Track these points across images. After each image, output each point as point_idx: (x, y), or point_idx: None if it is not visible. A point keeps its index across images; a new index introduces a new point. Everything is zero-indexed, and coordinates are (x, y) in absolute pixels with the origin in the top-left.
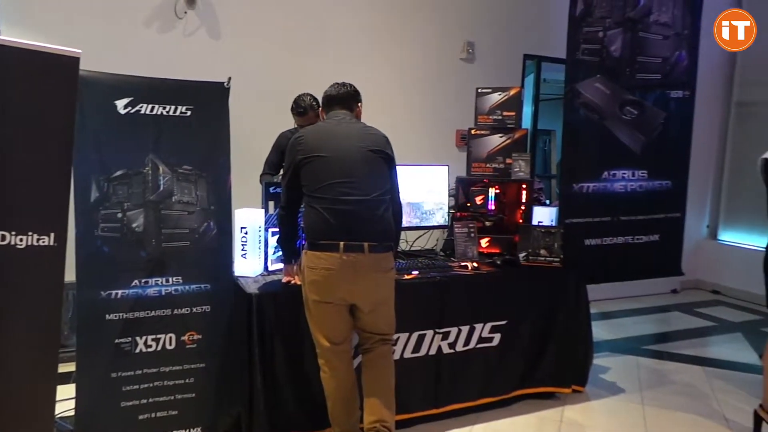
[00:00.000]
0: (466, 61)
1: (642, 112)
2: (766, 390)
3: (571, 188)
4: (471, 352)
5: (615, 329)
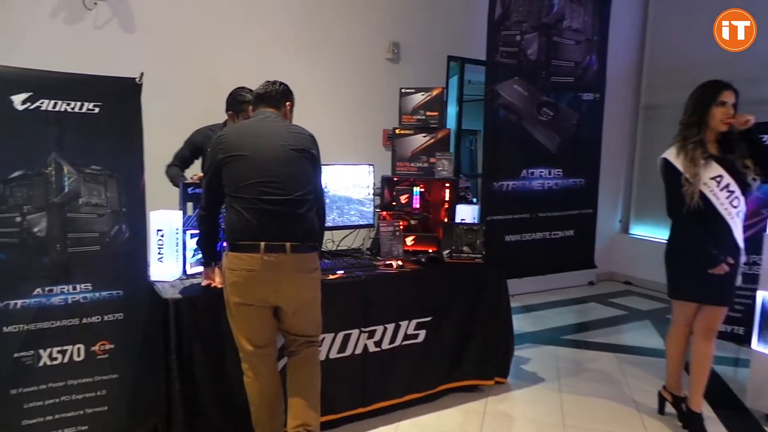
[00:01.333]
0: (391, 61)
1: (557, 113)
2: (669, 372)
3: (492, 186)
4: (397, 349)
5: (536, 321)
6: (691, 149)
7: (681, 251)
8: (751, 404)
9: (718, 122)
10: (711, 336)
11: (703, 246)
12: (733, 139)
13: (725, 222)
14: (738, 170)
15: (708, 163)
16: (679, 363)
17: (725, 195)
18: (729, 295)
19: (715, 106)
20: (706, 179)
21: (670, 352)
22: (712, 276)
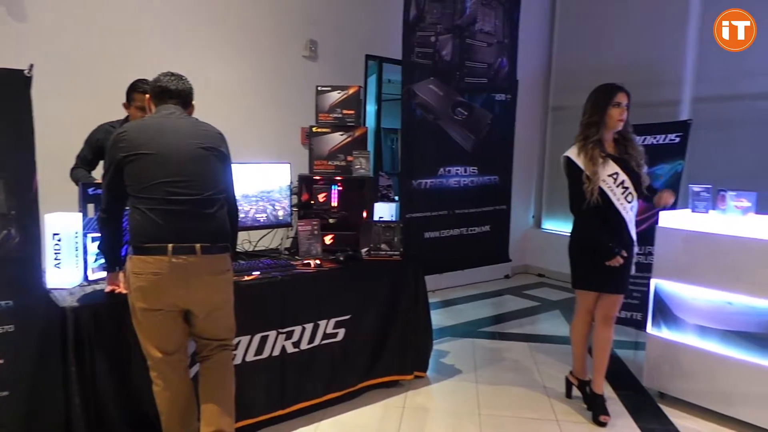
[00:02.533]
0: (309, 59)
1: (471, 113)
2: (574, 358)
3: (410, 184)
4: (316, 349)
5: (455, 315)
6: (590, 148)
7: (581, 244)
8: (647, 383)
9: (615, 122)
10: (610, 322)
11: (601, 240)
12: (627, 139)
13: (621, 216)
14: (632, 168)
15: (606, 162)
16: (582, 349)
17: (621, 191)
18: (624, 284)
19: (611, 107)
20: (604, 176)
21: (574, 338)
22: (609, 267)
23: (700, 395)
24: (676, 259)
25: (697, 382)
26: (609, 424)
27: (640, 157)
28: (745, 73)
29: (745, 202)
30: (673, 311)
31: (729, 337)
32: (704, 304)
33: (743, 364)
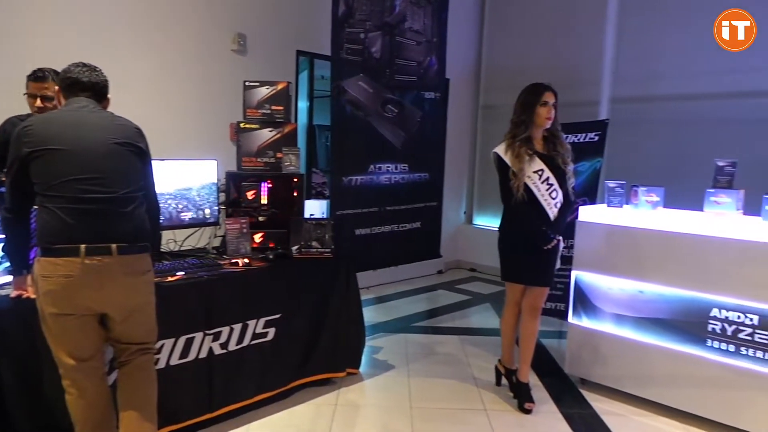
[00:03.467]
0: (237, 53)
1: (402, 110)
2: (503, 348)
3: (341, 181)
4: (245, 349)
5: (388, 311)
6: (518, 146)
7: (510, 237)
8: (569, 370)
9: (543, 120)
10: (536, 314)
11: (535, 227)
12: (556, 137)
13: (545, 211)
14: (558, 165)
15: (532, 158)
16: (510, 339)
17: (545, 187)
18: (549, 277)
19: (539, 105)
20: (529, 173)
21: (503, 329)
22: (535, 260)
23: (617, 379)
24: (593, 251)
25: (614, 368)
26: (534, 410)
27: (567, 154)
28: (657, 76)
29: (654, 196)
30: (591, 301)
31: (642, 324)
32: (619, 293)
33: (654, 348)
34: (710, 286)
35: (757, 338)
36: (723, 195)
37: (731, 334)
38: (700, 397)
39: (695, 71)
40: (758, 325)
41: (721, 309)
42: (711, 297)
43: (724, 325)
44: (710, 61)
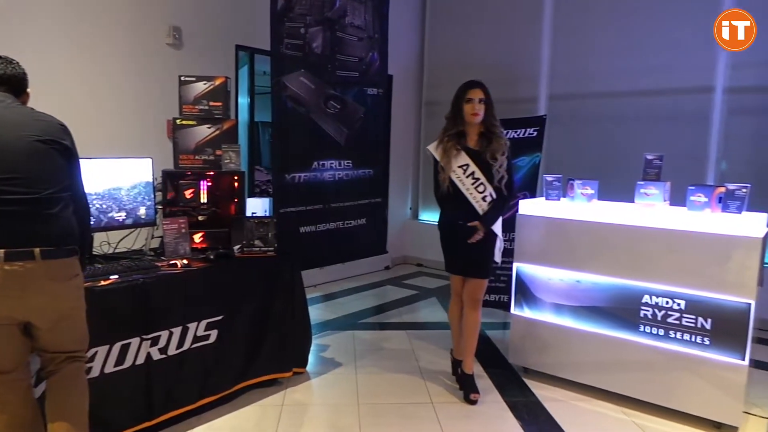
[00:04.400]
0: (173, 47)
1: (344, 106)
2: (453, 339)
3: (284, 179)
4: (186, 353)
5: (336, 309)
6: (446, 141)
7: (442, 230)
8: (512, 360)
9: (469, 116)
10: (475, 305)
11: (453, 220)
12: (491, 132)
13: (471, 205)
14: (485, 160)
15: (459, 153)
16: (457, 329)
17: (471, 181)
18: (484, 269)
19: (464, 102)
20: (454, 167)
21: (450, 320)
22: (470, 251)
23: (558, 367)
24: (533, 243)
25: (554, 356)
26: (479, 400)
27: (499, 150)
28: (591, 74)
29: (589, 189)
30: (532, 292)
31: (579, 312)
32: (558, 283)
33: (592, 335)
34: (641, 273)
35: (684, 322)
36: (651, 187)
37: (661, 319)
38: (635, 380)
39: (626, 69)
40: (685, 310)
41: (651, 295)
42: (642, 284)
43: (655, 310)
44: (640, 59)
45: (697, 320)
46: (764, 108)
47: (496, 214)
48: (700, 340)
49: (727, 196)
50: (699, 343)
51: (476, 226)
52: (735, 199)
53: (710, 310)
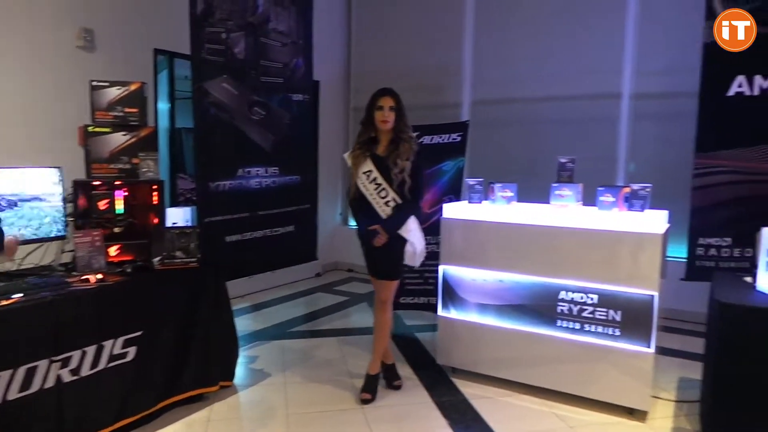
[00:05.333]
0: (84, 49)
1: (269, 112)
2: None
3: (208, 187)
4: (101, 373)
5: (266, 318)
6: (357, 147)
7: (359, 235)
8: (440, 361)
9: (379, 123)
10: (385, 306)
11: (359, 225)
12: (400, 138)
13: (375, 211)
14: (387, 166)
15: (365, 160)
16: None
17: (373, 187)
18: (391, 272)
19: (375, 110)
20: (359, 173)
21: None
22: (378, 255)
23: (484, 365)
24: (457, 246)
25: (480, 354)
26: (408, 401)
27: (403, 155)
28: (510, 80)
29: (508, 192)
30: (458, 293)
31: (503, 311)
32: (482, 283)
33: (515, 332)
34: (558, 271)
35: (597, 315)
36: (565, 189)
37: (576, 314)
38: (555, 373)
39: (543, 76)
40: (597, 303)
41: (567, 291)
42: (559, 281)
43: (570, 306)
44: (555, 67)
45: (609, 313)
46: (666, 113)
47: (399, 219)
48: (612, 332)
49: (632, 195)
50: (610, 334)
51: (377, 230)
52: (638, 198)
53: (619, 303)
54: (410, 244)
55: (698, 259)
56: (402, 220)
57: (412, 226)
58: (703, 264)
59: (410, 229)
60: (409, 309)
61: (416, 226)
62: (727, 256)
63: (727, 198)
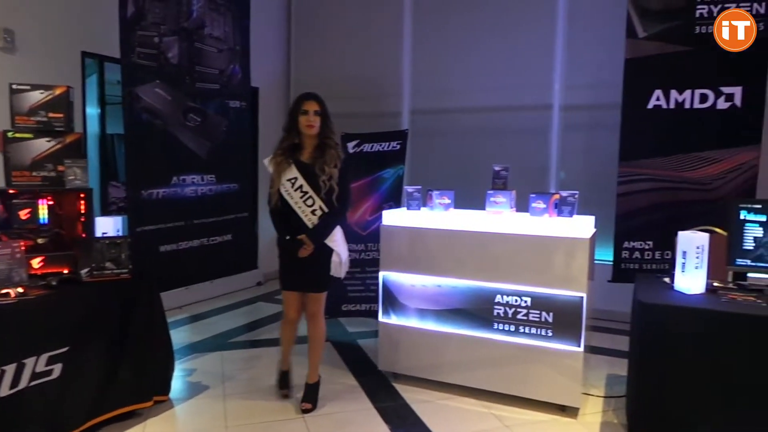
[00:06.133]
0: (3, 50)
1: (205, 119)
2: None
3: (140, 195)
4: (23, 393)
5: (204, 329)
6: (279, 154)
7: (279, 245)
8: (382, 367)
9: (304, 127)
10: (316, 319)
11: (281, 235)
12: (326, 145)
13: (300, 220)
14: (314, 173)
15: (289, 167)
16: (289, 345)
17: (299, 195)
18: (320, 284)
19: (299, 114)
20: (283, 181)
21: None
22: (306, 265)
23: (424, 369)
24: (397, 252)
25: (420, 359)
26: (349, 409)
27: (330, 162)
28: (449, 91)
29: (446, 199)
30: (398, 299)
31: (442, 315)
32: (422, 289)
33: (453, 336)
34: (493, 275)
35: (531, 317)
36: (500, 195)
37: (511, 316)
38: (493, 375)
39: (479, 87)
40: (531, 306)
41: (502, 295)
42: (494, 285)
43: (506, 308)
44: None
45: (541, 314)
46: (594, 124)
47: (327, 228)
48: (544, 333)
49: (561, 202)
50: (543, 335)
51: (303, 240)
52: (567, 204)
53: (551, 305)
54: (336, 254)
55: (623, 262)
56: (330, 229)
57: (338, 236)
58: (628, 266)
59: (336, 239)
60: (351, 316)
61: (341, 235)
62: (650, 258)
63: (648, 204)
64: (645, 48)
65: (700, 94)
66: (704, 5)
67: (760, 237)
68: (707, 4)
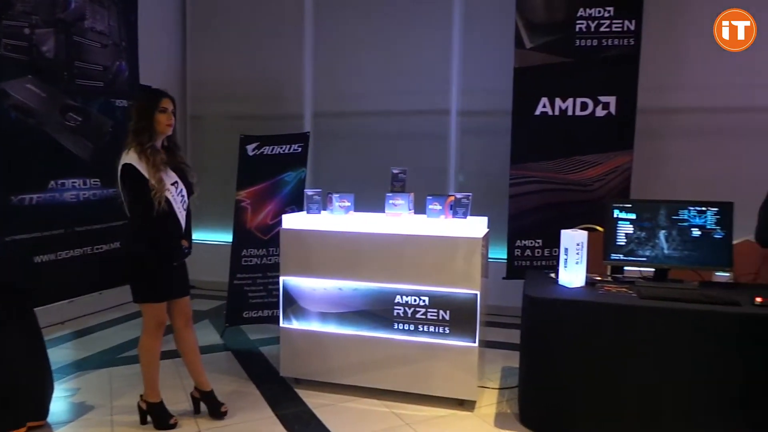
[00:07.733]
0: None
1: (87, 118)
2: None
3: (9, 201)
4: None
5: (91, 345)
6: (150, 155)
7: (150, 254)
8: (284, 373)
9: (164, 127)
10: (190, 322)
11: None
12: (178, 147)
13: (180, 223)
14: (185, 175)
15: (166, 169)
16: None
17: (180, 199)
18: (188, 286)
19: (158, 112)
20: (168, 185)
21: (153, 357)
22: (183, 270)
23: (327, 373)
24: (297, 256)
25: (322, 362)
26: (250, 418)
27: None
28: (350, 94)
29: (346, 202)
30: (299, 303)
31: (343, 318)
32: (323, 292)
33: (355, 338)
34: (393, 276)
35: (429, 316)
36: (398, 198)
37: (411, 315)
38: (393, 374)
39: (380, 91)
40: (429, 305)
41: (402, 295)
42: (394, 286)
43: (405, 308)
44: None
45: (439, 313)
46: (489, 129)
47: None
48: (442, 330)
49: (456, 204)
50: (441, 332)
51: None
52: (461, 206)
53: (448, 303)
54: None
55: (516, 260)
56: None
57: None
58: (521, 264)
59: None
60: (253, 323)
61: None
62: (540, 255)
63: (537, 204)
64: (532, 58)
65: (581, 102)
66: (583, 20)
67: (630, 233)
68: (585, 20)
